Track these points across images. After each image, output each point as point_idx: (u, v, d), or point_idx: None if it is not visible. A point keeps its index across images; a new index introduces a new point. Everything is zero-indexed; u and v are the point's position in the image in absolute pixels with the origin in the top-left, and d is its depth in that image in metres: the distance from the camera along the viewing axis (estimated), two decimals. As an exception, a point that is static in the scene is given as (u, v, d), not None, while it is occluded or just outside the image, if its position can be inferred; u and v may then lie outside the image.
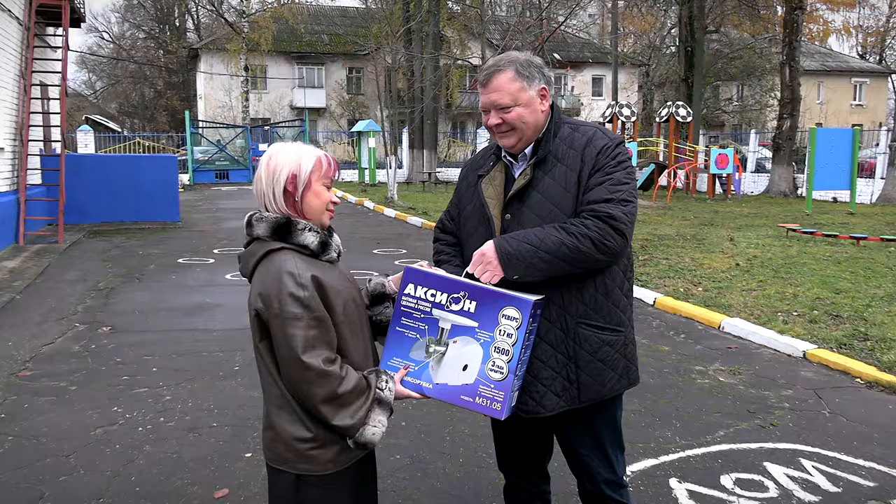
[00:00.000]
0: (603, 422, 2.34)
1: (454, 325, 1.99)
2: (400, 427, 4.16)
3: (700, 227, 13.24)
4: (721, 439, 4.07)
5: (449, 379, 1.99)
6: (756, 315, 6.68)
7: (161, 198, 14.35)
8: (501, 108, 2.20)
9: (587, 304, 2.19)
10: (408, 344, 2.03)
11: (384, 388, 1.95)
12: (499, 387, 1.96)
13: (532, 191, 2.21)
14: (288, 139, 31.32)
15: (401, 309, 2.04)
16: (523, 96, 2.20)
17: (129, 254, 10.83)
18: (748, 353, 5.81)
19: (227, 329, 6.44)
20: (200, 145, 28.87)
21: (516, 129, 2.21)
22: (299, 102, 39.84)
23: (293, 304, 1.84)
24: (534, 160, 2.23)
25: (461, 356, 1.99)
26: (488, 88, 2.21)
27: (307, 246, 1.94)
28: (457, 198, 2.48)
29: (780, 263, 9.11)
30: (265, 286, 1.88)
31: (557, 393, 2.20)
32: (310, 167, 1.96)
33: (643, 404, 4.56)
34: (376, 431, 1.91)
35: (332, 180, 2.02)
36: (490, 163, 2.36)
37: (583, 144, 2.21)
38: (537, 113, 2.23)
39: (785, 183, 21.04)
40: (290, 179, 1.94)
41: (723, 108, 38.63)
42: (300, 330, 1.83)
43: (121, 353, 5.77)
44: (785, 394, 4.84)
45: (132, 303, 7.57)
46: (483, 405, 1.97)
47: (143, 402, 4.68)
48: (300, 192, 1.95)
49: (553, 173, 2.20)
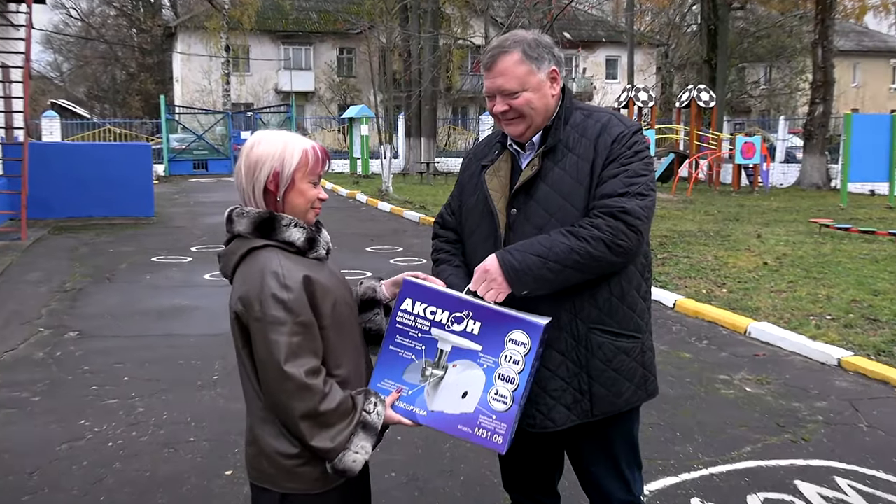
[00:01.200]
0: (618, 437, 2.33)
1: (455, 347, 1.97)
2: (395, 441, 4.14)
3: (724, 222, 13.23)
4: (748, 455, 4.06)
5: (446, 406, 1.97)
6: (786, 319, 6.67)
7: (134, 190, 14.34)
8: (508, 93, 2.18)
9: (601, 307, 2.18)
10: (402, 365, 2.01)
11: (371, 412, 1.92)
12: (501, 418, 1.95)
13: (540, 182, 2.19)
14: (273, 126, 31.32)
15: (396, 326, 2.01)
16: (532, 80, 2.18)
17: (99, 252, 10.82)
18: (777, 360, 5.80)
19: (205, 334, 6.43)
20: (177, 133, 28.86)
21: (524, 116, 2.20)
22: (285, 86, 39.82)
23: (276, 308, 1.83)
24: (542, 149, 2.21)
25: (461, 382, 1.97)
26: (493, 72, 2.19)
27: (293, 243, 1.93)
28: (458, 190, 2.46)
29: (813, 262, 9.10)
30: (247, 287, 1.87)
31: (568, 406, 2.19)
32: (294, 163, 1.93)
33: (662, 417, 4.55)
34: (357, 458, 1.89)
35: (319, 176, 2.00)
36: (495, 152, 2.34)
37: (596, 132, 2.19)
38: (547, 98, 2.21)
39: (817, 174, 21.04)
40: (272, 177, 1.93)
41: (749, 92, 38.63)
42: (283, 336, 1.82)
43: (89, 360, 5.76)
44: (818, 405, 4.83)
45: (102, 305, 7.56)
46: (483, 437, 1.96)
47: (114, 414, 4.67)
48: (282, 192, 1.94)
49: (563, 163, 2.19)
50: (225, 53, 34.49)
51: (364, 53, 34.51)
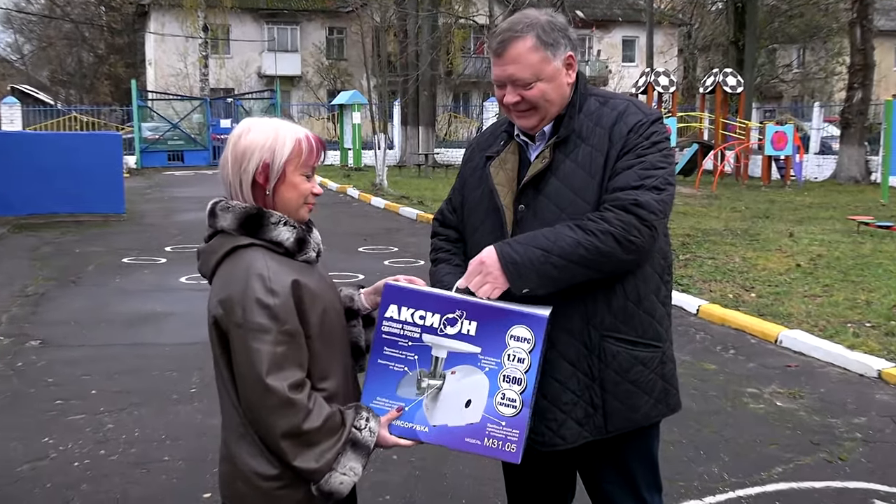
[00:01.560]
0: (635, 456, 2.33)
1: (451, 352, 1.96)
2: (390, 461, 4.15)
3: (753, 219, 13.24)
4: (779, 477, 4.06)
5: (449, 419, 1.96)
6: (821, 326, 6.67)
7: (102, 185, 14.33)
8: (520, 83, 2.16)
9: (615, 313, 2.18)
10: (394, 379, 1.98)
11: (362, 428, 1.92)
12: (512, 424, 1.94)
13: (551, 177, 2.19)
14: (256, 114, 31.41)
15: (382, 337, 1.99)
16: (547, 69, 2.16)
17: (64, 252, 10.83)
18: (811, 372, 5.81)
19: (181, 343, 6.43)
20: (149, 121, 28.87)
21: (538, 108, 2.19)
22: (269, 70, 39.86)
23: (260, 314, 1.82)
24: (553, 140, 2.21)
25: (462, 390, 1.95)
26: (504, 59, 2.16)
27: (281, 243, 1.92)
28: (460, 184, 2.46)
29: (850, 264, 9.10)
30: (228, 289, 1.87)
31: (579, 421, 2.18)
32: (286, 154, 1.93)
33: (685, 434, 4.55)
34: (345, 480, 1.88)
35: (313, 168, 2.00)
36: (500, 142, 2.34)
37: (611, 121, 2.19)
38: (563, 87, 2.21)
39: (855, 167, 21.05)
40: (261, 169, 1.93)
41: (780, 76, 38.64)
42: (266, 345, 1.81)
43: (53, 371, 5.76)
44: (856, 422, 4.83)
45: (67, 311, 7.57)
46: (494, 447, 1.94)
47: (80, 431, 4.67)
48: (272, 185, 1.94)
49: (576, 155, 2.19)
50: (202, 34, 34.54)
51: (356, 34, 34.49)
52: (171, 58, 39.07)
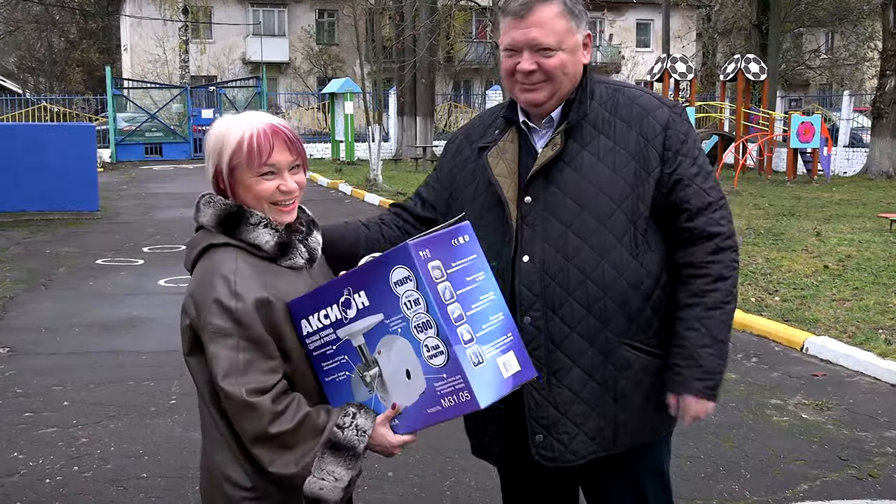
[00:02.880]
0: (646, 472, 2.35)
1: (364, 334, 1.92)
2: (386, 479, 4.16)
3: (777, 217, 13.25)
4: (804, 494, 4.07)
5: (405, 400, 1.91)
6: (850, 333, 6.68)
7: (74, 180, 14.34)
8: (542, 49, 2.15)
9: (633, 318, 2.19)
10: (346, 389, 1.98)
11: (346, 427, 1.90)
12: (450, 371, 1.83)
13: (565, 167, 2.19)
14: (239, 103, 31.30)
15: (314, 355, 1.99)
16: (570, 40, 2.17)
17: (33, 253, 10.84)
18: (839, 381, 5.82)
19: (160, 351, 6.44)
20: (125, 111, 28.91)
21: (553, 80, 2.17)
22: (254, 55, 39.86)
23: (219, 316, 1.85)
24: (565, 125, 2.20)
25: (397, 364, 1.90)
26: (527, 21, 2.14)
27: (259, 246, 1.94)
28: (438, 180, 2.45)
29: (882, 265, 9.12)
30: (196, 288, 1.92)
31: (590, 434, 2.20)
32: (227, 157, 1.93)
33: (703, 449, 4.56)
34: (325, 486, 1.87)
35: (273, 166, 1.94)
36: (495, 131, 2.33)
37: (635, 114, 2.20)
38: (579, 64, 2.22)
39: (888, 160, 21.06)
40: (215, 174, 1.96)
41: (807, 62, 38.64)
42: (225, 349, 1.85)
43: (22, 381, 5.77)
44: (888, 435, 4.84)
45: (37, 317, 7.58)
46: (453, 405, 1.85)
47: (52, 445, 4.68)
48: (229, 190, 1.96)
49: (595, 147, 2.19)
50: (182, 17, 34.56)
51: (348, 17, 34.50)
52: (148, 43, 39.09)
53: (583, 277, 2.15)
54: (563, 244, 2.16)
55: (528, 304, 2.16)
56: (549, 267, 2.16)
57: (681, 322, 2.19)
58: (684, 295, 2.20)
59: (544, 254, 2.16)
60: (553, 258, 2.16)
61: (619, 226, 2.15)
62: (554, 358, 2.16)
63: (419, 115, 28.02)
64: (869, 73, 35.65)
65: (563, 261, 2.15)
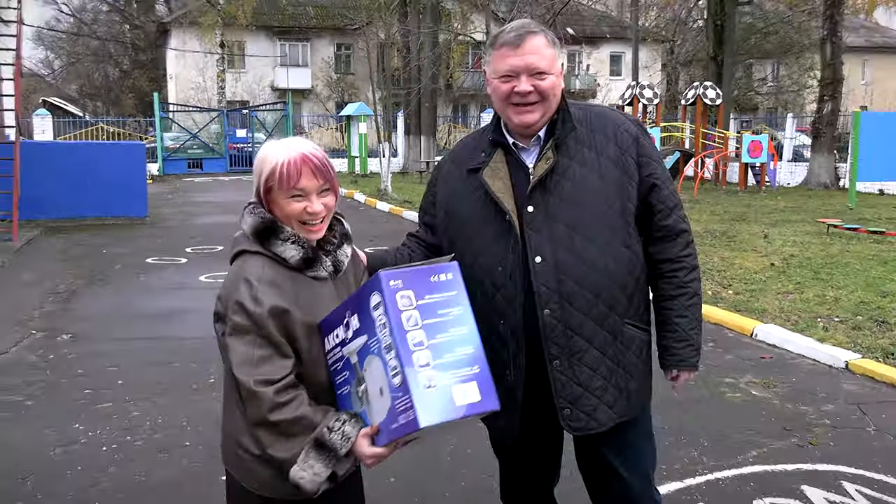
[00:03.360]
0: (643, 435, 2.39)
1: (358, 352, 1.87)
2: (395, 446, 4.16)
3: (730, 222, 13.24)
4: (754, 460, 4.08)
5: (380, 416, 1.85)
6: (793, 321, 6.69)
7: (127, 190, 14.34)
8: (538, 72, 2.15)
9: (631, 300, 2.23)
10: (349, 402, 1.93)
11: (334, 430, 1.86)
12: (404, 390, 1.77)
13: (558, 179, 2.18)
14: (269, 124, 31.21)
15: (331, 369, 1.96)
16: (556, 66, 2.20)
17: (92, 253, 10.84)
18: (784, 363, 5.82)
19: (201, 337, 6.43)
20: (171, 131, 28.86)
21: (545, 101, 2.18)
22: (282, 83, 39.85)
23: (240, 315, 1.86)
24: (554, 140, 2.20)
25: (375, 381, 1.85)
26: (523, 49, 2.15)
27: (286, 259, 1.93)
28: (433, 204, 2.41)
29: (821, 263, 9.12)
30: (226, 286, 1.94)
31: (610, 404, 2.22)
32: (263, 178, 1.94)
33: (666, 421, 4.56)
34: (304, 476, 1.84)
35: (302, 190, 1.92)
36: (481, 153, 2.29)
37: (609, 128, 2.23)
38: (560, 88, 2.24)
39: (826, 173, 21.03)
40: (257, 191, 1.98)
41: (756, 89, 38.61)
42: (240, 344, 1.86)
43: (83, 363, 5.78)
44: (825, 409, 4.85)
45: (95, 308, 7.58)
46: (405, 423, 1.78)
47: (108, 418, 4.69)
48: (266, 205, 1.97)
49: (581, 158, 2.19)
50: (220, 50, 34.56)
51: (362, 49, 34.52)
52: (190, 72, 39.05)
53: (591, 271, 2.15)
54: (571, 244, 2.15)
55: (546, 299, 2.15)
56: (561, 264, 2.15)
57: (671, 311, 2.30)
58: (669, 287, 2.29)
59: (555, 254, 2.15)
60: (564, 257, 2.15)
61: (614, 223, 2.18)
62: (573, 342, 2.16)
63: (423, 135, 27.98)
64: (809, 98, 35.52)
65: (574, 258, 2.15)
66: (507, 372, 2.19)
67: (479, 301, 2.18)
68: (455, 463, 4.03)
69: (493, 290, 2.19)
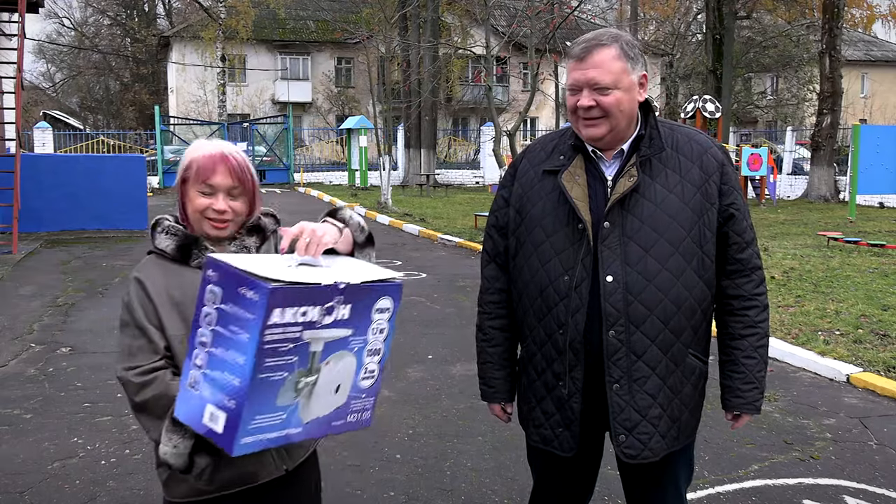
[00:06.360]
0: (684, 461, 2.33)
1: (327, 342, 1.72)
2: (395, 461, 4.15)
3: (730, 235, 13.24)
4: (755, 474, 4.07)
5: (320, 411, 1.77)
6: (794, 334, 6.68)
7: (127, 203, 14.39)
8: (599, 88, 2.07)
9: (696, 330, 2.18)
10: (274, 390, 1.66)
11: None
12: (370, 393, 1.83)
13: (640, 198, 2.10)
14: (270, 138, 31.24)
15: (264, 348, 1.60)
16: (625, 80, 2.08)
17: (92, 265, 10.85)
18: (785, 376, 5.81)
19: (200, 350, 6.43)
20: (172, 144, 28.95)
21: (610, 116, 2.08)
22: (282, 96, 39.98)
23: (123, 310, 1.95)
24: (639, 159, 2.12)
25: (334, 377, 1.77)
26: (586, 63, 2.08)
27: (163, 250, 1.99)
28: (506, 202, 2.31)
29: (821, 276, 9.11)
30: None
31: (663, 434, 2.16)
32: (181, 170, 1.99)
33: (667, 434, 4.54)
34: (167, 451, 1.84)
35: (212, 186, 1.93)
36: (560, 156, 2.21)
37: (694, 151, 2.15)
38: (634, 102, 2.12)
39: (825, 186, 21.09)
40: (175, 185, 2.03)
41: (755, 102, 38.75)
42: (122, 338, 1.94)
43: (81, 376, 5.76)
44: (826, 423, 4.83)
45: (95, 320, 7.57)
46: (354, 421, 1.84)
47: (107, 431, 4.68)
48: (181, 199, 2.01)
49: (663, 180, 2.12)
50: (221, 63, 34.65)
51: (362, 63, 34.65)
52: (191, 86, 39.20)
53: (662, 296, 2.09)
54: (644, 267, 2.08)
55: (612, 320, 2.09)
56: (632, 287, 2.08)
57: (739, 350, 2.23)
58: (739, 326, 2.22)
59: (626, 275, 2.08)
60: (635, 279, 2.08)
61: (689, 250, 2.11)
62: (635, 367, 2.10)
63: (423, 148, 28.08)
64: (808, 111, 35.72)
65: (645, 281, 2.08)
66: (561, 383, 2.15)
67: (539, 306, 2.16)
68: (455, 477, 4.01)
69: (556, 297, 2.13)
